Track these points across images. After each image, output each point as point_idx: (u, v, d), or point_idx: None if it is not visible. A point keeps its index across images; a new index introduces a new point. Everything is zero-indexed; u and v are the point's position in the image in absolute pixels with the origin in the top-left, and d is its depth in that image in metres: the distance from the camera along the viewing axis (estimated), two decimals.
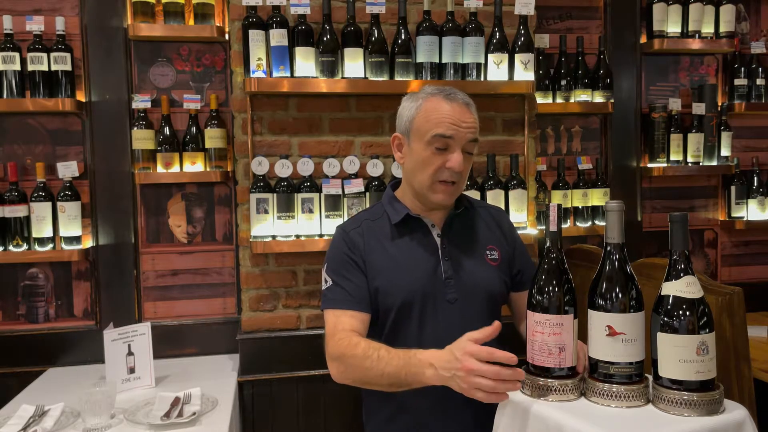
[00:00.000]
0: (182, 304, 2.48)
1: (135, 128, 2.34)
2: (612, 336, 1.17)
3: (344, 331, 1.52)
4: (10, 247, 2.30)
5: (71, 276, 2.42)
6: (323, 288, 1.63)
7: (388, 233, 1.63)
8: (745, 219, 2.94)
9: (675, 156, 2.82)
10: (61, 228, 2.32)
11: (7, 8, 2.34)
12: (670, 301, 1.15)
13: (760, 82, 2.90)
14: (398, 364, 1.37)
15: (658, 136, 2.82)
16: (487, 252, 1.66)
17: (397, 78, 2.22)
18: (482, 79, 2.28)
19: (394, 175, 2.26)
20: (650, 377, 1.20)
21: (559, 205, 1.27)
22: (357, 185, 2.20)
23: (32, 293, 2.41)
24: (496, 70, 2.28)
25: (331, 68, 2.18)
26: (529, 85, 2.29)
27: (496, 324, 1.28)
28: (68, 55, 2.31)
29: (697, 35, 2.79)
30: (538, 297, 1.23)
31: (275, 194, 2.18)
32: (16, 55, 2.27)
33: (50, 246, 2.32)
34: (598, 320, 1.19)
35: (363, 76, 2.21)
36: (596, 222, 2.72)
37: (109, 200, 2.40)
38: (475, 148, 1.60)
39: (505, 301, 1.73)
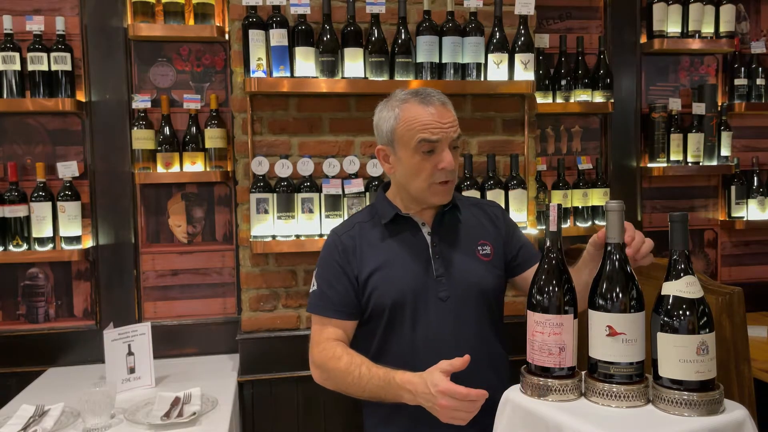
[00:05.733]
0: (182, 304, 2.48)
1: (135, 128, 2.34)
2: (612, 336, 1.17)
3: (328, 340, 1.58)
4: (10, 247, 2.30)
5: (71, 276, 2.42)
6: (311, 290, 1.66)
7: (380, 234, 1.64)
8: (745, 219, 2.94)
9: (675, 156, 2.82)
10: (61, 228, 2.32)
11: (7, 8, 2.34)
12: (670, 301, 1.15)
13: (760, 82, 2.90)
14: (378, 385, 1.44)
15: (658, 136, 2.82)
16: (479, 247, 1.66)
17: (397, 78, 2.22)
18: (482, 79, 2.28)
19: None
20: (650, 377, 1.20)
21: (559, 205, 1.27)
22: (357, 185, 2.20)
23: (32, 293, 2.41)
24: (496, 70, 2.28)
25: (331, 68, 2.18)
26: (529, 85, 2.29)
27: (466, 358, 1.33)
28: (68, 55, 2.31)
29: (697, 35, 2.79)
30: (538, 297, 1.23)
31: (275, 194, 2.18)
32: (16, 55, 2.27)
33: (50, 246, 2.32)
34: (598, 320, 1.19)
35: (363, 76, 2.21)
36: (596, 222, 2.72)
37: (109, 200, 2.40)
38: (460, 141, 1.60)
39: (502, 296, 1.72)
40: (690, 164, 2.84)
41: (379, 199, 1.70)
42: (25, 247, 2.31)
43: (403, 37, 2.22)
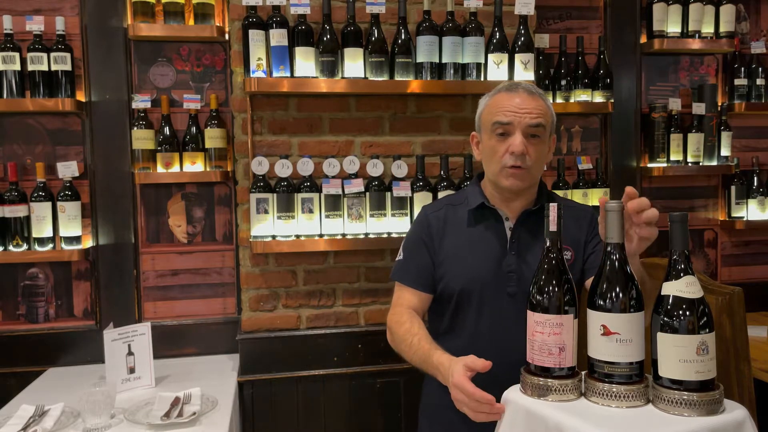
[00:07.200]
0: (182, 304, 2.48)
1: (135, 128, 2.34)
2: (606, 335, 1.17)
3: (401, 306, 1.67)
4: (10, 247, 2.30)
5: (71, 276, 2.42)
6: (396, 259, 1.75)
7: (464, 219, 1.69)
8: (745, 219, 2.94)
9: (675, 156, 2.82)
10: (61, 228, 2.32)
11: (7, 8, 2.34)
12: (670, 301, 1.15)
13: (760, 82, 2.90)
14: (421, 358, 1.51)
15: (658, 136, 2.82)
16: None
17: (397, 78, 2.22)
18: (482, 79, 2.28)
19: (394, 175, 2.26)
20: (650, 377, 1.20)
21: (559, 205, 1.27)
22: (357, 185, 2.20)
23: (32, 293, 2.41)
24: (496, 70, 2.28)
25: (331, 68, 2.18)
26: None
27: (488, 364, 1.30)
28: (68, 55, 2.31)
29: (697, 35, 2.78)
30: (538, 297, 1.23)
31: (275, 194, 2.18)
32: (16, 55, 2.27)
33: (50, 246, 2.32)
34: (594, 319, 1.19)
35: (363, 76, 2.21)
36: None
37: (109, 200, 2.40)
38: (547, 134, 1.61)
39: None
40: (690, 164, 2.83)
41: (472, 185, 1.75)
42: (25, 247, 2.31)
43: (403, 37, 2.22)
